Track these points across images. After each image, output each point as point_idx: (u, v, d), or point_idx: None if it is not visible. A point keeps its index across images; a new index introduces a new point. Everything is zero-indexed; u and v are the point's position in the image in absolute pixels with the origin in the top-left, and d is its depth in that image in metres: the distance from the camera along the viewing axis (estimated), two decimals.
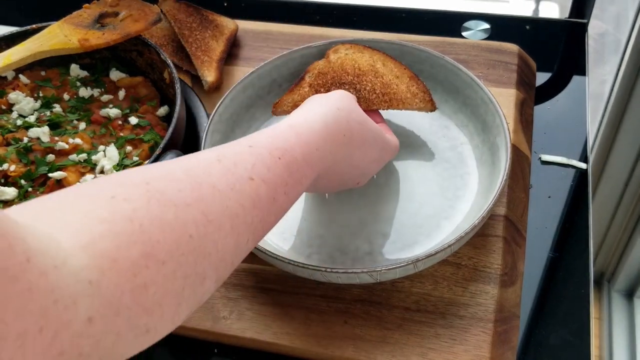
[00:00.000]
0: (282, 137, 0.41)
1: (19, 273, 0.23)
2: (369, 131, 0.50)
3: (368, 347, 0.51)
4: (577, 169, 0.66)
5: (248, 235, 0.35)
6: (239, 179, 0.35)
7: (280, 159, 0.39)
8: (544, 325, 0.54)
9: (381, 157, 0.54)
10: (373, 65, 0.63)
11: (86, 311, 0.25)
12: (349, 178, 0.51)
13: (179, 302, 0.30)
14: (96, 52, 0.68)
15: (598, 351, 1.27)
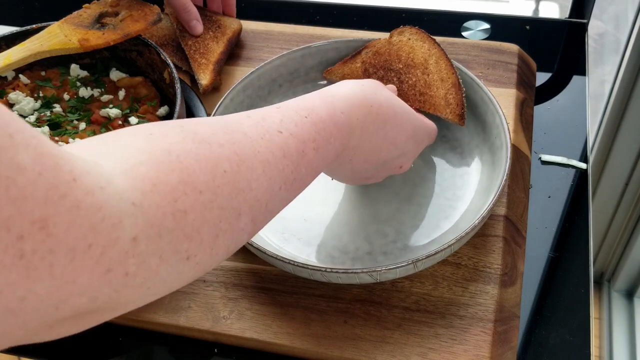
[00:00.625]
0: (308, 100, 0.43)
1: (67, 190, 0.23)
2: (398, 106, 0.50)
3: (368, 347, 0.51)
4: (577, 169, 0.66)
5: (280, 182, 0.36)
6: (268, 130, 0.37)
7: (307, 118, 0.40)
8: (544, 325, 0.54)
9: (417, 135, 0.53)
10: (427, 60, 0.63)
11: (131, 230, 0.26)
12: (388, 156, 0.51)
13: (216, 233, 0.31)
14: (96, 52, 0.68)
15: (598, 351, 1.27)
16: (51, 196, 0.22)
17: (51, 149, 0.24)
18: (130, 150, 0.29)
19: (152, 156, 0.29)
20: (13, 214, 0.21)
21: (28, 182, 0.22)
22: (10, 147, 0.21)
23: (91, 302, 0.26)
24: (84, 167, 0.25)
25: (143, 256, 0.27)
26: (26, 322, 0.23)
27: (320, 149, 0.41)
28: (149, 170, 0.29)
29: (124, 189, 0.27)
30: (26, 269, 0.22)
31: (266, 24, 0.82)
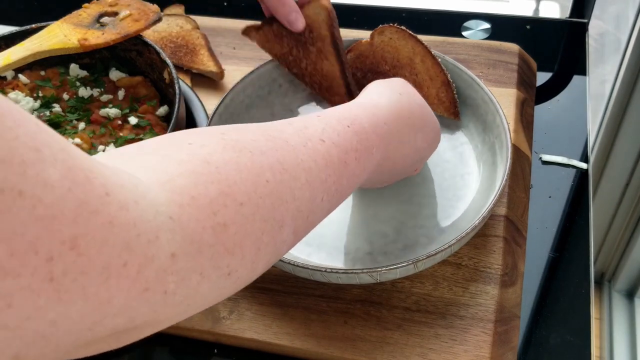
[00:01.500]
0: (349, 109, 0.42)
1: (99, 206, 0.22)
2: (427, 113, 0.51)
3: (368, 347, 0.51)
4: (578, 168, 0.65)
5: (322, 193, 0.35)
6: (311, 138, 0.36)
7: (349, 127, 0.40)
8: (544, 325, 0.54)
9: (436, 139, 0.54)
10: (412, 59, 0.62)
11: (169, 247, 0.25)
12: (410, 162, 0.51)
13: (258, 246, 0.30)
14: (96, 52, 0.68)
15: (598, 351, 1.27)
16: (81, 213, 0.21)
17: (82, 162, 0.22)
18: (168, 161, 0.28)
19: (191, 167, 0.28)
20: (41, 234, 0.20)
21: (56, 199, 0.20)
22: (36, 162, 0.20)
23: (128, 322, 0.25)
24: (117, 179, 0.24)
25: (182, 273, 0.26)
26: (58, 345, 0.22)
27: (361, 160, 0.40)
28: (187, 183, 0.27)
29: (160, 202, 0.26)
30: (57, 291, 0.21)
31: None
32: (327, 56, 0.61)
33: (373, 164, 0.42)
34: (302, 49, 0.62)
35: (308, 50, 0.62)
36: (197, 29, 0.80)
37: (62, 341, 0.22)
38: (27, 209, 0.20)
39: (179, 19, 0.81)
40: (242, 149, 0.31)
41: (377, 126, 0.42)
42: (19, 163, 0.20)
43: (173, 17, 0.81)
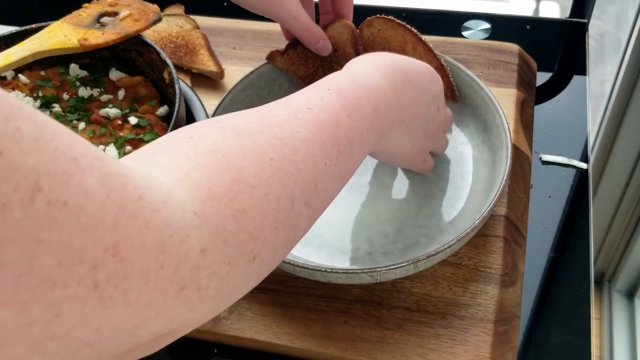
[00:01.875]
0: (325, 78, 0.43)
1: (135, 210, 0.23)
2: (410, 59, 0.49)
3: (368, 347, 0.51)
4: (578, 168, 0.65)
5: (324, 158, 0.36)
6: (299, 109, 0.37)
7: (329, 90, 0.40)
8: (544, 325, 0.54)
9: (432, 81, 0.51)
10: (403, 48, 0.61)
11: (198, 243, 0.26)
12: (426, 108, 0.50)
13: (276, 225, 0.31)
14: (96, 52, 0.68)
15: (598, 351, 1.27)
16: (121, 219, 0.22)
17: (114, 168, 0.23)
18: (177, 157, 0.29)
19: (200, 160, 0.29)
20: (86, 243, 0.20)
21: (97, 207, 0.21)
22: (76, 172, 0.21)
23: (167, 324, 0.25)
24: (145, 182, 0.25)
25: (213, 267, 0.27)
26: (102, 352, 0.23)
27: (353, 115, 0.40)
28: (201, 176, 0.28)
29: (184, 199, 0.26)
30: (101, 298, 0.21)
31: (266, 24, 0.82)
32: None
33: (369, 115, 0.42)
34: (328, 68, 0.63)
35: (333, 68, 0.63)
36: (197, 29, 0.80)
37: (106, 348, 0.23)
38: (72, 219, 0.20)
39: (179, 19, 0.81)
40: (242, 132, 0.32)
41: (355, 79, 0.42)
42: (61, 174, 0.20)
43: (173, 17, 0.81)
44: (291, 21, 0.59)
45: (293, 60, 0.64)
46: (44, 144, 0.20)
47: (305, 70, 0.64)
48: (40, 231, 0.19)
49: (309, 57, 0.64)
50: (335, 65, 0.63)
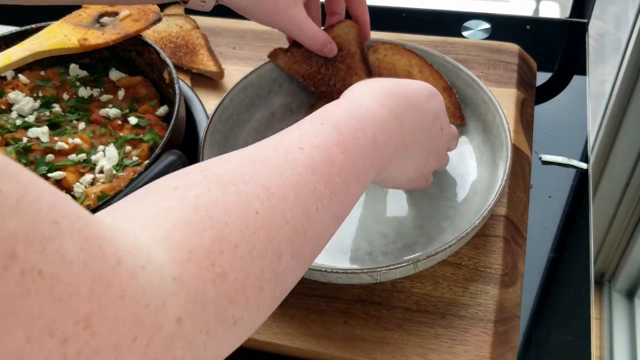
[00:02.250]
0: (320, 109, 0.41)
1: (112, 277, 0.22)
2: (415, 86, 0.47)
3: (368, 347, 0.51)
4: (578, 168, 0.65)
5: (315, 202, 0.34)
6: (289, 150, 0.35)
7: (323, 124, 0.38)
8: (544, 325, 0.54)
9: (437, 96, 0.49)
10: (409, 71, 0.63)
11: (175, 311, 0.25)
12: (427, 126, 0.47)
13: (260, 285, 0.29)
14: (96, 52, 0.68)
15: (598, 351, 1.27)
16: (96, 288, 0.21)
17: (95, 229, 0.22)
18: (160, 211, 0.28)
19: (183, 216, 0.28)
20: (57, 315, 0.19)
21: (73, 276, 0.20)
22: (56, 236, 0.20)
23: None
24: (125, 244, 0.24)
25: (189, 336, 0.25)
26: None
27: (349, 150, 0.37)
28: (183, 235, 0.27)
29: (162, 262, 0.25)
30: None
31: None
32: (357, 72, 0.62)
33: (367, 148, 0.39)
34: (331, 66, 0.63)
35: (337, 67, 0.63)
36: (197, 28, 0.80)
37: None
38: (46, 289, 0.19)
39: (178, 19, 0.81)
40: (226, 184, 0.30)
41: (352, 110, 0.40)
42: (40, 240, 0.19)
43: (173, 17, 0.81)
44: (297, 32, 0.58)
45: (296, 59, 0.64)
46: (26, 206, 0.19)
47: (308, 68, 0.64)
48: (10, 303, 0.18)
49: (312, 56, 0.64)
50: (339, 64, 0.63)
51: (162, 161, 0.52)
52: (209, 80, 0.75)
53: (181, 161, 0.52)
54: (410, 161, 0.48)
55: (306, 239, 0.33)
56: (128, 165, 0.59)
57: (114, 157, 0.59)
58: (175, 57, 0.76)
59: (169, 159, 0.52)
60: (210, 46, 0.78)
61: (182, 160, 0.52)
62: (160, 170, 0.51)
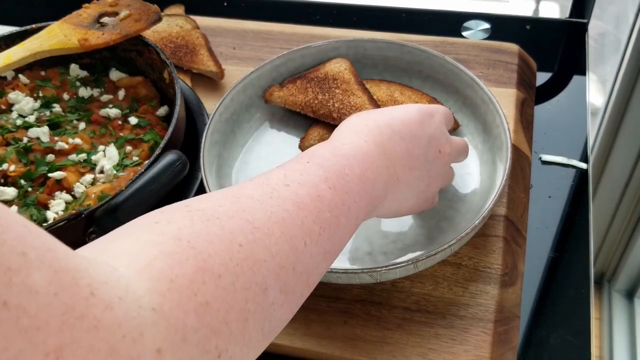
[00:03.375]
0: (306, 151, 0.41)
1: (84, 309, 0.21)
2: (406, 111, 0.47)
3: (368, 347, 0.51)
4: (578, 168, 0.65)
5: (303, 238, 0.33)
6: (275, 188, 0.35)
7: (309, 162, 0.38)
8: (544, 325, 0.54)
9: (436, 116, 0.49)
10: (391, 95, 0.65)
11: (154, 342, 0.24)
12: (423, 150, 0.46)
13: (245, 317, 0.29)
14: (96, 52, 0.68)
15: (598, 351, 1.27)
16: (67, 320, 0.20)
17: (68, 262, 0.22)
18: (141, 243, 0.28)
19: (164, 247, 0.27)
20: (24, 347, 0.19)
21: (41, 308, 0.20)
22: (22, 268, 0.20)
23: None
24: (100, 275, 0.23)
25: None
26: None
27: (337, 187, 0.37)
28: (163, 265, 0.26)
29: (142, 293, 0.25)
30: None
31: (266, 24, 0.82)
32: (354, 92, 0.64)
33: (355, 184, 0.39)
34: (328, 92, 0.65)
35: (334, 92, 0.64)
36: (197, 29, 0.80)
37: None
38: (12, 321, 0.19)
39: (179, 19, 0.81)
40: (210, 217, 0.30)
41: (336, 148, 0.40)
42: (4, 271, 0.19)
43: (173, 17, 0.81)
44: None
45: (292, 92, 0.66)
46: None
47: (304, 98, 0.65)
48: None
49: (308, 88, 0.65)
50: (335, 89, 0.64)
51: (162, 161, 0.52)
52: (209, 80, 0.75)
53: (181, 161, 0.52)
54: (406, 192, 0.46)
55: (295, 274, 0.32)
56: (128, 165, 0.59)
57: (114, 157, 0.59)
58: (175, 57, 0.76)
59: (169, 158, 0.52)
60: (210, 46, 0.78)
61: (182, 160, 0.52)
62: (160, 170, 0.51)
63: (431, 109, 0.49)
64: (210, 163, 0.58)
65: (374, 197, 0.41)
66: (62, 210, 0.55)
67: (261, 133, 0.66)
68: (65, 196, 0.56)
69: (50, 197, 0.56)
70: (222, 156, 0.61)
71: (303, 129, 0.66)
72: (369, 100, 0.63)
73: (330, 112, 0.63)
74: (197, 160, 0.59)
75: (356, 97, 0.64)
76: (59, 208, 0.55)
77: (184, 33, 0.79)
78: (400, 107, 0.47)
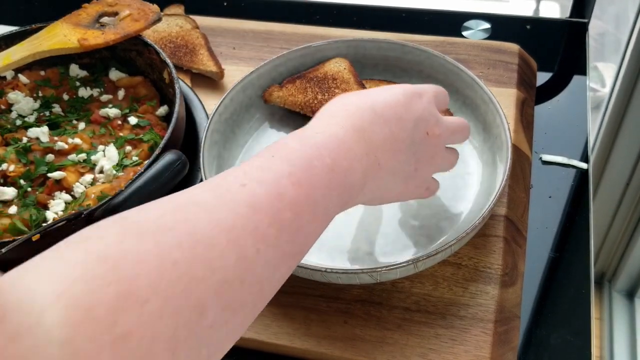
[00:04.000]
0: (276, 142, 0.38)
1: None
2: (391, 92, 0.43)
3: (368, 347, 0.51)
4: (578, 168, 0.65)
5: (256, 244, 0.30)
6: (229, 189, 0.32)
7: (274, 156, 0.35)
8: (544, 325, 0.54)
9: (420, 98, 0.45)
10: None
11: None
12: (407, 133, 0.43)
13: (173, 346, 0.25)
14: (96, 52, 0.68)
15: (599, 351, 1.27)
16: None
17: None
18: (65, 264, 0.25)
19: (87, 270, 0.25)
20: None
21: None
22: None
23: None
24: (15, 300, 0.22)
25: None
26: None
27: (302, 182, 0.34)
28: (82, 290, 0.24)
29: (54, 323, 0.22)
30: None
31: (266, 24, 0.82)
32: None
33: (324, 176, 0.35)
34: (327, 92, 0.65)
35: (333, 92, 0.64)
36: (197, 29, 0.80)
37: None
38: None
39: (178, 19, 0.81)
40: (145, 231, 0.27)
41: (307, 138, 0.37)
42: None
43: (173, 17, 0.81)
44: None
45: (291, 92, 0.66)
46: None
47: (303, 98, 0.65)
48: None
49: (308, 88, 0.65)
50: (334, 89, 0.65)
51: (162, 161, 0.52)
52: (209, 80, 0.75)
53: (181, 161, 0.52)
54: (391, 178, 0.43)
55: (243, 287, 0.30)
56: (128, 165, 0.59)
57: (114, 157, 0.59)
58: (175, 57, 0.76)
59: (168, 158, 0.52)
60: (210, 46, 0.78)
61: (182, 160, 0.52)
62: (160, 170, 0.51)
63: (419, 88, 0.46)
64: (210, 163, 0.58)
65: (348, 186, 0.38)
66: (62, 210, 0.55)
67: (261, 133, 0.66)
68: (65, 196, 0.56)
69: (50, 197, 0.56)
70: (222, 156, 0.61)
71: None
72: None
73: None
74: (196, 160, 0.59)
75: None
76: (59, 208, 0.55)
77: (183, 33, 0.79)
78: (386, 88, 0.44)
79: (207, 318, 0.27)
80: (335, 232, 0.57)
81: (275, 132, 0.67)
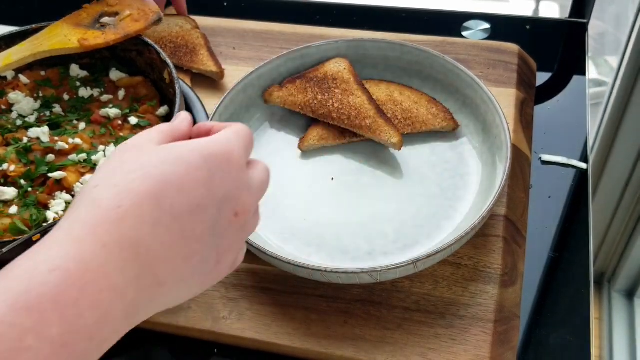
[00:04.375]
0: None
1: None
2: (188, 163, 0.31)
3: (368, 347, 0.51)
4: (578, 168, 0.65)
5: None
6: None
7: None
8: (544, 325, 0.54)
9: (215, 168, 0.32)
10: (391, 95, 0.66)
11: None
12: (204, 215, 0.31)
13: None
14: (96, 52, 0.68)
15: (598, 351, 1.27)
16: None
17: None
18: None
19: None
20: None
21: None
22: None
23: None
24: None
25: None
26: None
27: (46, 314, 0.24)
28: None
29: None
30: None
31: (266, 24, 0.82)
32: (353, 92, 0.64)
33: (49, 345, 0.25)
34: (327, 92, 0.65)
35: (333, 92, 0.65)
36: (197, 29, 0.80)
37: None
38: None
39: (178, 19, 0.81)
40: None
41: (31, 284, 0.26)
42: None
43: (173, 17, 0.81)
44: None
45: (291, 92, 0.66)
46: None
47: (304, 98, 0.65)
48: None
49: (307, 87, 0.66)
50: (334, 89, 0.65)
51: None
52: (209, 80, 0.75)
53: None
54: (180, 288, 0.32)
55: None
56: None
57: None
58: (175, 57, 0.76)
59: None
60: (210, 46, 0.78)
61: None
62: None
63: (227, 149, 0.33)
64: None
65: (100, 341, 0.27)
66: (63, 210, 0.55)
67: (261, 133, 0.66)
68: (66, 196, 0.56)
69: (51, 197, 0.56)
70: None
71: (303, 129, 0.66)
72: (368, 100, 0.63)
73: (329, 112, 0.63)
74: None
75: (355, 97, 0.64)
76: (59, 208, 0.55)
77: (183, 33, 0.79)
78: (179, 160, 0.31)
79: None
80: (335, 232, 0.57)
81: (276, 132, 0.67)
